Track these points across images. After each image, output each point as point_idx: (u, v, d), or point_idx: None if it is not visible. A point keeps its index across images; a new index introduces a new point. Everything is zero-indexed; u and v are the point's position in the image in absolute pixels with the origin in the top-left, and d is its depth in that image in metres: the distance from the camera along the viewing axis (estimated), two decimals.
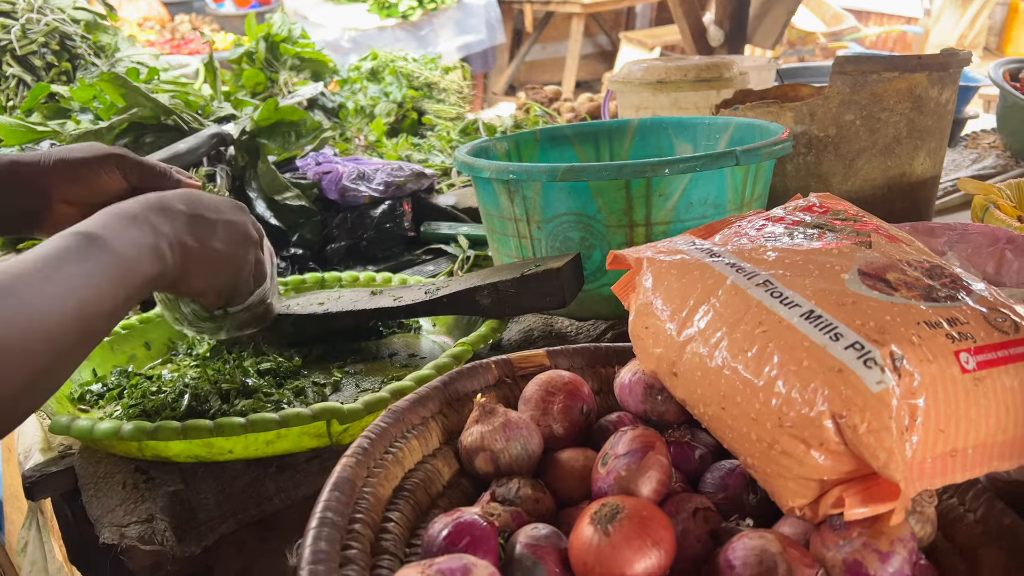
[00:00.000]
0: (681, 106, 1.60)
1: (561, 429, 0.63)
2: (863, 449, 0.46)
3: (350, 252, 1.41)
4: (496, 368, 0.68)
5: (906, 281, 0.54)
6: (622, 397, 0.65)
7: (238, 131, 1.42)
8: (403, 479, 0.58)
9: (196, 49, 4.14)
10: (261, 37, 2.06)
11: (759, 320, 0.52)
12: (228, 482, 0.81)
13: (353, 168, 1.47)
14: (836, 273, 0.55)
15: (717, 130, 1.23)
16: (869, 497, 0.47)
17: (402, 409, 0.61)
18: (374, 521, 0.53)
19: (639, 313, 0.60)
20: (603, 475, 0.55)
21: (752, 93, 1.36)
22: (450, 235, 1.46)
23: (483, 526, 0.50)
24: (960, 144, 2.04)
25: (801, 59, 5.42)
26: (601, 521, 0.48)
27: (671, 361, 0.56)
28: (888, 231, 0.63)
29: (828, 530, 0.49)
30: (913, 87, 1.17)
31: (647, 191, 0.94)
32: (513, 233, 1.04)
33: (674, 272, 0.59)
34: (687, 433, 0.61)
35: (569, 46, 5.70)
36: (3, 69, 1.75)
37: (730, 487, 0.57)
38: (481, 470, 0.60)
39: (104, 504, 0.79)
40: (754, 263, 0.57)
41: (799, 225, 0.64)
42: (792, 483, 0.49)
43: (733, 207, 0.99)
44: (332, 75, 2.21)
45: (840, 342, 0.49)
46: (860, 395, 0.46)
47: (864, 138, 1.19)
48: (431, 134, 2.09)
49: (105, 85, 1.42)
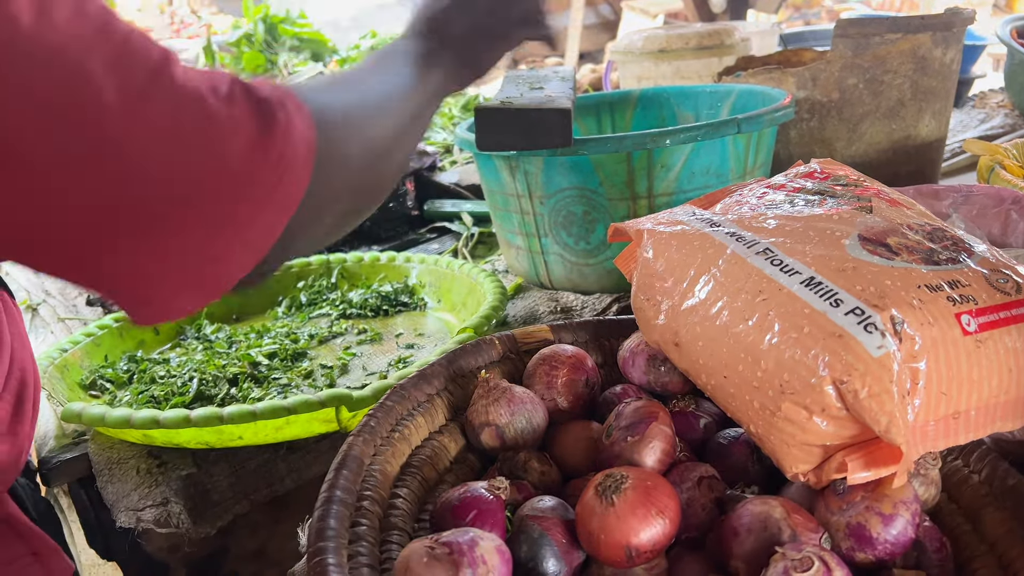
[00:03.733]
0: (683, 75, 1.59)
1: (565, 402, 0.63)
2: (865, 414, 0.46)
3: (354, 232, 1.41)
4: (500, 344, 0.69)
5: (907, 245, 0.54)
6: (625, 369, 0.65)
7: None
8: (410, 456, 0.59)
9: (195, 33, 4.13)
10: (259, 19, 2.05)
11: (759, 288, 0.52)
12: (240, 464, 0.82)
13: None
14: (836, 239, 0.54)
15: (719, 98, 1.22)
16: (871, 461, 0.47)
17: (408, 387, 0.61)
18: (382, 497, 0.53)
19: (640, 285, 0.60)
20: (608, 446, 0.55)
21: (754, 59, 1.34)
22: (453, 213, 1.46)
23: (490, 499, 0.51)
24: (968, 104, 2.01)
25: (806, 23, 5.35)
26: (606, 492, 0.48)
27: (673, 332, 0.57)
28: (889, 195, 0.63)
29: (831, 495, 0.50)
30: (916, 48, 1.16)
31: (649, 163, 0.93)
32: (516, 209, 1.04)
33: (674, 243, 0.59)
34: (691, 403, 0.61)
35: (571, 16, 5.64)
36: None
37: (734, 455, 0.57)
38: (487, 445, 0.60)
39: (119, 489, 0.81)
40: (754, 232, 0.57)
41: (800, 192, 0.64)
42: (795, 449, 0.49)
43: (736, 176, 0.98)
44: (332, 54, 2.20)
45: (840, 308, 0.48)
46: (861, 360, 0.46)
47: (868, 102, 1.18)
48: None
49: None
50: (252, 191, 0.45)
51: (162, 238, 0.43)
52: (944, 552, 0.51)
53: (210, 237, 0.44)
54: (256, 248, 0.47)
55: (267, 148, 0.45)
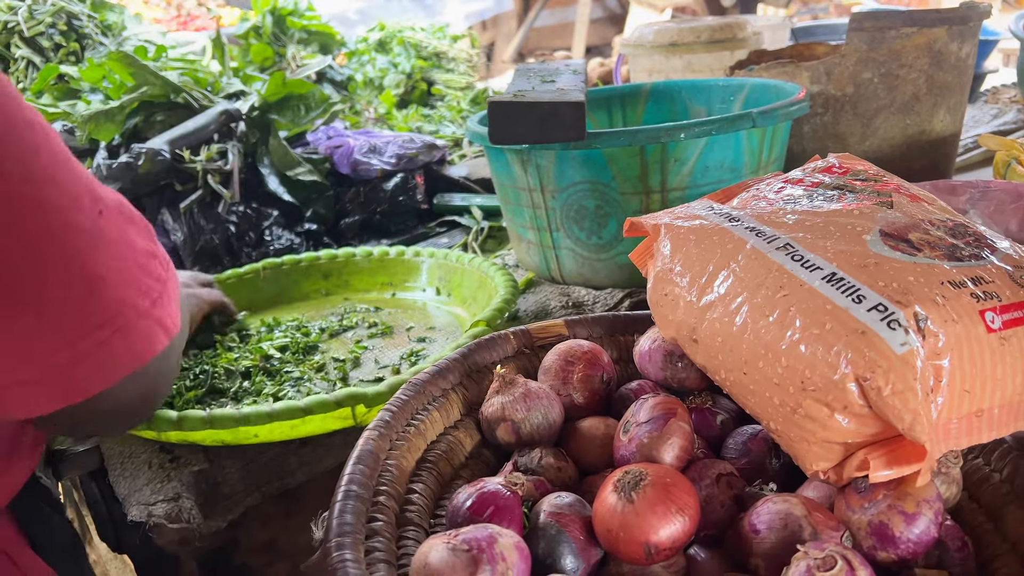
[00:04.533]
0: (694, 68, 1.58)
1: (581, 398, 0.63)
2: (888, 411, 0.45)
3: (364, 226, 1.41)
4: (515, 339, 0.68)
5: (929, 241, 0.53)
6: (642, 365, 0.65)
7: (247, 107, 1.41)
8: (426, 451, 0.58)
9: (203, 26, 4.11)
10: (268, 11, 2.04)
11: (780, 284, 0.51)
12: (251, 458, 0.81)
13: (364, 142, 1.46)
14: (857, 234, 0.54)
15: (732, 92, 1.21)
16: (894, 459, 0.47)
17: (422, 382, 0.61)
18: (398, 493, 0.53)
19: (658, 280, 0.60)
20: (625, 443, 0.55)
21: (767, 53, 1.33)
22: (463, 207, 1.46)
23: (507, 495, 0.50)
24: (980, 99, 2.00)
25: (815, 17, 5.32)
26: (625, 488, 0.48)
27: (691, 327, 0.56)
28: (909, 190, 0.62)
29: (853, 493, 0.49)
30: (932, 42, 1.15)
31: (662, 157, 0.93)
32: (527, 203, 1.03)
33: (692, 238, 0.59)
34: (708, 399, 0.61)
35: (578, 10, 5.62)
36: (11, 51, 1.75)
37: (753, 452, 0.57)
38: (503, 440, 0.60)
39: (131, 483, 0.81)
40: (774, 227, 0.56)
41: (818, 187, 0.63)
42: (816, 447, 0.49)
43: (750, 170, 0.97)
44: (340, 47, 2.19)
45: (863, 304, 0.48)
46: (884, 357, 0.45)
47: (882, 96, 1.17)
48: (441, 104, 2.07)
49: (114, 64, 1.41)
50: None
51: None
52: (966, 551, 0.50)
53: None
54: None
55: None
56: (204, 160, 1.29)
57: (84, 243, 0.50)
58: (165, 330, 0.56)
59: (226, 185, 1.29)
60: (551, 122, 0.89)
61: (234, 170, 1.30)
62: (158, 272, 0.56)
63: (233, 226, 1.27)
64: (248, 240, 1.28)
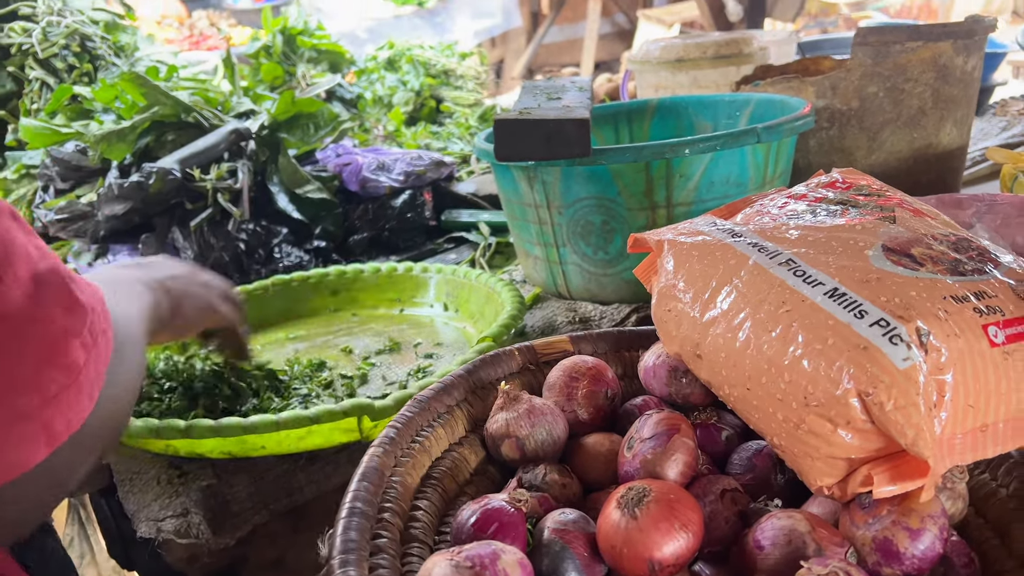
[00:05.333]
0: (701, 84, 1.58)
1: (586, 414, 0.63)
2: (891, 427, 0.45)
3: (372, 243, 1.42)
4: (519, 355, 0.69)
5: (931, 255, 0.54)
6: (646, 380, 0.65)
7: (257, 126, 1.43)
8: (430, 467, 0.59)
9: (214, 45, 4.16)
10: (278, 31, 2.07)
11: (782, 300, 0.51)
12: (259, 474, 0.82)
13: (373, 159, 1.47)
14: (860, 250, 0.54)
15: (737, 107, 1.22)
16: (898, 475, 0.47)
17: (427, 398, 0.61)
18: (403, 510, 0.53)
19: (661, 296, 0.60)
20: (629, 459, 0.55)
21: (772, 68, 1.34)
22: (471, 223, 1.46)
23: (511, 512, 0.51)
24: (988, 112, 1.99)
25: (823, 31, 5.33)
26: (628, 505, 0.48)
27: (695, 343, 0.56)
28: (913, 205, 0.62)
29: (857, 509, 0.49)
30: (938, 56, 1.15)
31: (667, 172, 0.93)
32: (534, 219, 1.04)
33: (695, 254, 0.59)
34: (713, 415, 0.61)
35: (587, 27, 5.65)
36: (26, 72, 1.78)
37: (757, 468, 0.56)
38: (507, 456, 0.60)
39: (140, 499, 0.81)
40: (776, 242, 0.57)
41: (822, 202, 0.63)
42: (820, 462, 0.49)
43: (755, 185, 0.98)
44: (349, 66, 2.21)
45: (865, 319, 0.48)
46: (886, 372, 0.45)
47: (888, 110, 1.17)
48: (449, 121, 2.09)
49: (126, 85, 1.43)
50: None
51: None
52: (972, 567, 0.50)
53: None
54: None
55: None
56: (214, 179, 1.30)
57: None
58: (50, 437, 0.46)
59: (236, 203, 1.30)
60: (557, 139, 0.90)
61: (244, 188, 1.31)
62: (74, 356, 0.47)
63: (243, 243, 1.28)
64: (258, 257, 1.29)
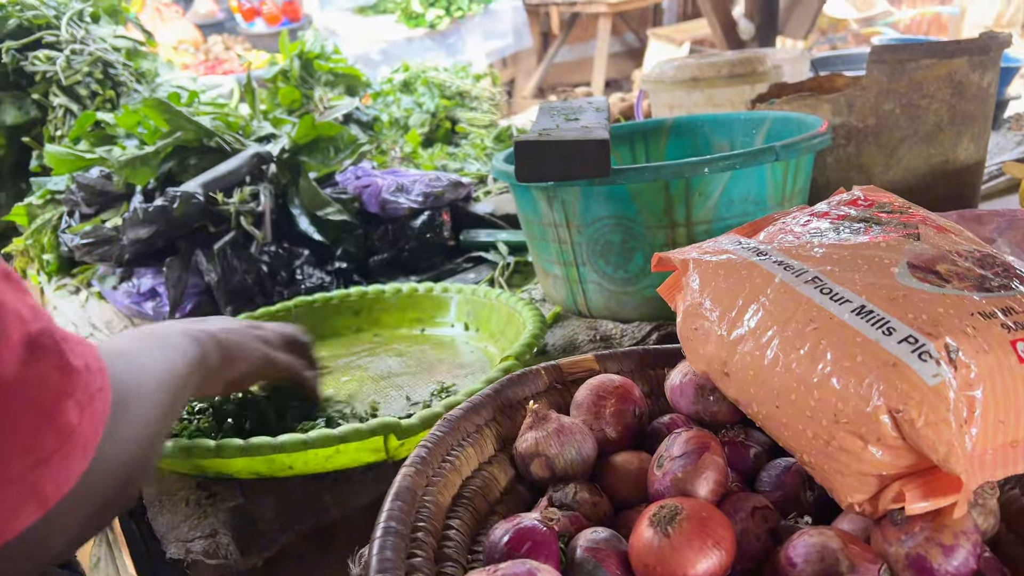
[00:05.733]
0: (715, 103, 1.59)
1: (614, 433, 0.63)
2: (922, 443, 0.46)
3: (392, 263, 1.43)
4: (546, 374, 0.69)
5: (957, 272, 0.54)
6: (673, 399, 0.65)
7: (278, 149, 1.45)
8: (461, 487, 0.59)
9: (230, 69, 4.21)
10: (295, 55, 2.10)
11: (810, 317, 0.52)
12: (286, 495, 0.82)
13: (392, 181, 1.49)
14: (885, 267, 0.55)
15: (753, 125, 1.23)
16: (930, 491, 0.47)
17: (456, 418, 0.62)
18: (436, 529, 0.54)
19: (687, 314, 0.61)
20: (659, 477, 0.55)
21: (787, 86, 1.35)
22: (489, 242, 1.47)
23: (543, 531, 0.51)
24: (1004, 126, 2.00)
25: (833, 47, 5.34)
26: (661, 523, 0.48)
27: (722, 361, 0.57)
28: (936, 221, 0.62)
29: (889, 525, 0.49)
30: (953, 72, 1.15)
31: (686, 191, 0.94)
32: (553, 238, 1.05)
33: (721, 272, 0.60)
34: (741, 432, 0.61)
35: (597, 46, 5.69)
36: (50, 99, 1.81)
37: (787, 485, 0.57)
38: (537, 476, 0.61)
39: (169, 520, 0.82)
40: (802, 260, 0.57)
41: (844, 219, 0.64)
42: (850, 479, 0.49)
43: (774, 203, 0.98)
44: (365, 88, 2.24)
45: (893, 336, 0.48)
46: (916, 389, 0.46)
47: (905, 127, 1.18)
48: (465, 142, 2.11)
49: (149, 111, 1.45)
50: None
51: None
52: None
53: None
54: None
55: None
56: (237, 202, 1.32)
57: None
58: (39, 501, 0.44)
59: (258, 226, 1.32)
60: (577, 160, 0.91)
61: (266, 211, 1.33)
62: (67, 419, 0.46)
63: (265, 266, 1.29)
64: (280, 279, 1.31)
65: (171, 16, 4.80)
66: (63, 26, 1.85)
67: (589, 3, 5.64)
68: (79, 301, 1.47)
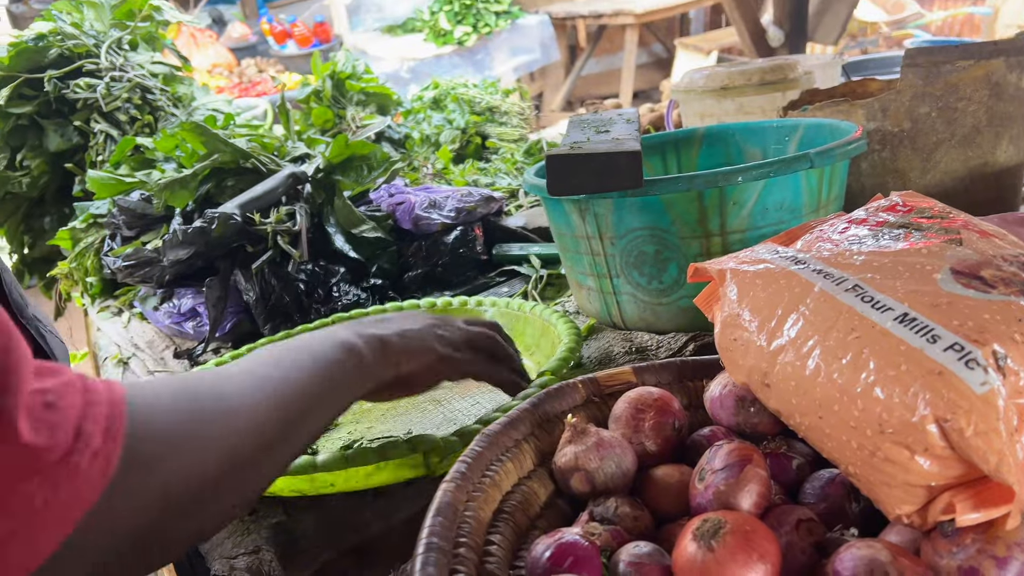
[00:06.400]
0: (746, 111, 1.58)
1: (654, 446, 0.63)
2: (971, 452, 0.45)
3: (427, 279, 1.44)
4: (583, 387, 0.69)
5: (1002, 277, 0.53)
6: (713, 411, 0.65)
7: (312, 169, 1.47)
8: (501, 502, 0.59)
9: (263, 91, 4.29)
10: (327, 76, 2.13)
11: (851, 326, 0.51)
12: (327, 511, 0.83)
13: (424, 197, 1.50)
14: (928, 273, 0.54)
15: (786, 133, 1.22)
16: (981, 502, 0.46)
17: (495, 432, 0.62)
18: (477, 544, 0.54)
19: (726, 325, 0.60)
20: (701, 490, 0.55)
21: (819, 92, 1.33)
22: (522, 256, 1.48)
23: (585, 546, 0.51)
24: None
25: (864, 51, 5.28)
26: (704, 537, 0.48)
27: (763, 372, 0.56)
28: (978, 226, 0.61)
29: (939, 537, 0.48)
30: (990, 74, 1.14)
31: (720, 200, 0.93)
32: (586, 251, 1.04)
33: (759, 282, 0.59)
34: (783, 444, 0.60)
35: (624, 57, 5.69)
36: (91, 125, 1.86)
37: (831, 497, 0.56)
38: (577, 490, 0.61)
39: (214, 537, 0.83)
40: (841, 268, 0.57)
41: (883, 226, 0.63)
42: (897, 490, 0.48)
43: (809, 210, 0.97)
44: (396, 107, 2.26)
45: (938, 344, 0.48)
46: (964, 397, 0.45)
47: (941, 130, 1.16)
48: (496, 157, 2.12)
49: (186, 134, 1.49)
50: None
51: None
52: None
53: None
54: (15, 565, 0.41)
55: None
56: (273, 222, 1.34)
57: None
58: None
59: (295, 245, 1.33)
60: (609, 172, 0.91)
61: (302, 230, 1.35)
62: (19, 501, 0.41)
63: (302, 284, 1.31)
64: (317, 297, 1.32)
65: (205, 41, 4.91)
66: (102, 54, 1.90)
67: (616, 15, 5.65)
68: (122, 322, 1.50)
